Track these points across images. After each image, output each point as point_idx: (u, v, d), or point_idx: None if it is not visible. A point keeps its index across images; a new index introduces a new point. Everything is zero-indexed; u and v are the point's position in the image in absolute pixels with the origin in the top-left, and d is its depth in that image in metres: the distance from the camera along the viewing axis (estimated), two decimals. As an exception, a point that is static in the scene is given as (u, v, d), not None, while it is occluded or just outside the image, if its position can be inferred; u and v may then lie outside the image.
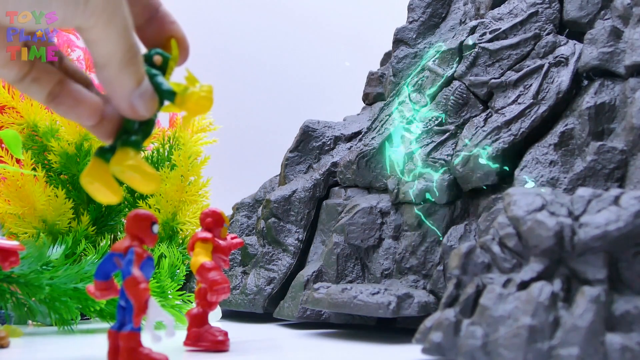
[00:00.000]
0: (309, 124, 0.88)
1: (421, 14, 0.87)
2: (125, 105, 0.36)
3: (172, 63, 0.40)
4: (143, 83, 0.37)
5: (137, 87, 0.36)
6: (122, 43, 0.34)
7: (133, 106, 0.37)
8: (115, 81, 0.35)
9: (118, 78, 0.35)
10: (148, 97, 0.37)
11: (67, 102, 0.37)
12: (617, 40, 0.62)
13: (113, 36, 0.34)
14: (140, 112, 0.37)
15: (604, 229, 0.41)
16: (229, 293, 0.53)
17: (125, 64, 0.35)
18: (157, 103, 0.38)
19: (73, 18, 0.33)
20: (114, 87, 0.36)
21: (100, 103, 0.37)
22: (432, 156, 0.69)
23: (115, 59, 0.35)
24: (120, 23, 0.34)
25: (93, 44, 0.34)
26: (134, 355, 0.42)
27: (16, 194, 0.82)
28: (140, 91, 0.37)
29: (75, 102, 0.37)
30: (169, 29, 0.40)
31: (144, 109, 0.37)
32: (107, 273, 0.45)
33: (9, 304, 0.63)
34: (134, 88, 0.36)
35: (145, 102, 0.37)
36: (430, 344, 0.44)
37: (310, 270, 0.73)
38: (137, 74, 0.36)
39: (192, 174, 0.93)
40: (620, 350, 0.38)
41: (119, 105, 0.37)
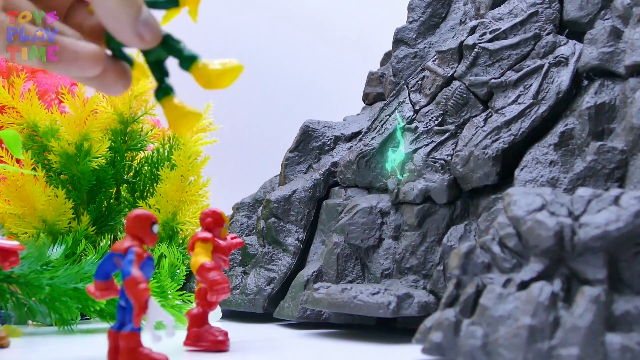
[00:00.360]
0: (309, 124, 0.88)
1: (421, 14, 0.87)
2: (132, 34, 0.36)
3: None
4: (143, 9, 0.36)
5: (139, 14, 0.36)
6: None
7: (140, 34, 0.36)
8: (116, 12, 0.35)
9: (118, 9, 0.35)
10: (152, 23, 0.37)
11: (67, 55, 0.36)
12: (617, 40, 0.62)
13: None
14: (147, 39, 0.36)
15: (604, 229, 0.41)
16: (229, 293, 0.53)
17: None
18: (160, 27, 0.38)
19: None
20: (117, 19, 0.35)
21: (100, 49, 0.37)
22: (432, 156, 0.69)
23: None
24: None
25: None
26: (134, 355, 0.42)
27: (16, 194, 0.82)
28: (143, 18, 0.36)
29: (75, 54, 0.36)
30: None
31: (150, 35, 0.37)
32: (107, 273, 0.45)
33: (9, 304, 0.63)
34: (136, 16, 0.36)
35: (150, 28, 0.36)
36: (430, 344, 0.44)
37: (310, 270, 0.73)
38: (136, 2, 0.36)
39: (192, 174, 0.93)
40: (620, 350, 0.38)
41: (125, 37, 0.36)
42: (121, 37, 0.37)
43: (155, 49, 0.38)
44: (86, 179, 0.87)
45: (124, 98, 0.91)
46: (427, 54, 0.85)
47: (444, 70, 0.74)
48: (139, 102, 0.94)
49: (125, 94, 0.91)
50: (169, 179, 0.89)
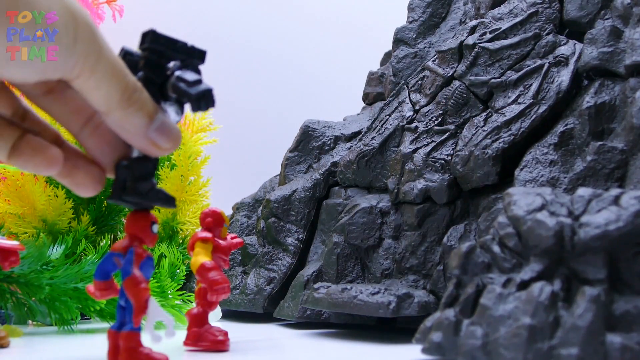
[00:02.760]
0: (309, 123, 0.88)
1: (421, 14, 0.87)
2: (145, 144, 0.35)
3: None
4: (156, 117, 0.35)
5: (150, 122, 0.35)
6: (114, 85, 0.33)
7: (154, 142, 0.35)
8: (123, 124, 0.34)
9: (125, 120, 0.34)
10: (167, 129, 0.35)
11: (26, 152, 0.35)
12: (617, 40, 0.62)
13: (103, 81, 0.33)
14: (164, 146, 0.35)
15: (604, 229, 0.41)
16: (229, 293, 0.53)
17: (127, 104, 0.34)
18: (179, 131, 0.36)
19: (62, 67, 0.32)
20: (126, 130, 0.34)
21: (60, 153, 0.36)
22: (432, 156, 0.69)
23: (113, 103, 0.33)
24: (105, 66, 0.33)
25: (85, 92, 0.33)
26: (134, 355, 0.42)
27: (16, 194, 0.82)
28: (156, 125, 0.35)
29: (34, 152, 0.35)
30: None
31: (167, 142, 0.35)
32: (107, 273, 0.45)
33: (9, 303, 0.63)
34: (147, 125, 0.34)
35: (166, 135, 0.35)
36: (430, 343, 0.44)
37: (310, 270, 0.73)
38: (144, 110, 0.34)
39: (192, 174, 0.93)
40: (620, 350, 0.38)
41: (139, 146, 0.36)
42: (136, 147, 0.36)
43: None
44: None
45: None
46: (427, 54, 0.85)
47: (444, 70, 0.74)
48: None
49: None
50: (169, 178, 0.89)
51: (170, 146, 0.35)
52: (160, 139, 0.35)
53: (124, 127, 0.34)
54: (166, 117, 0.36)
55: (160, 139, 0.35)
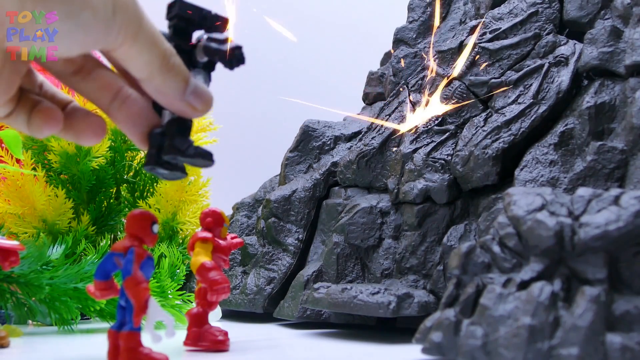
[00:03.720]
0: (309, 123, 0.88)
1: (421, 14, 0.87)
2: (183, 106, 0.37)
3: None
4: (190, 80, 0.37)
5: (186, 86, 0.37)
6: (155, 52, 0.35)
7: (190, 105, 0.37)
8: (163, 89, 0.36)
9: (165, 85, 0.36)
10: (201, 92, 0.37)
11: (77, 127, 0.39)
12: (617, 40, 0.62)
13: (144, 48, 0.35)
14: (199, 108, 0.37)
15: (604, 229, 0.41)
16: (229, 293, 0.53)
17: (166, 69, 0.36)
18: (210, 94, 0.38)
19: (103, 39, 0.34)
20: (165, 94, 0.37)
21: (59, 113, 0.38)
22: (432, 156, 0.69)
23: (154, 69, 0.36)
24: (146, 34, 0.35)
25: (127, 61, 0.35)
26: (134, 355, 0.42)
27: (16, 194, 0.82)
28: (191, 89, 0.37)
29: (42, 115, 0.38)
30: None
31: (201, 104, 0.37)
32: (107, 273, 0.45)
33: (9, 303, 0.63)
34: (184, 89, 0.37)
35: (200, 98, 0.37)
36: (430, 343, 0.44)
37: (310, 270, 0.73)
38: (181, 75, 0.37)
39: (192, 174, 0.93)
40: (620, 350, 0.38)
41: (177, 110, 0.38)
42: (174, 110, 0.38)
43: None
44: (86, 178, 0.86)
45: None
46: (427, 54, 0.85)
47: (444, 70, 0.74)
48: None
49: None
50: (169, 178, 0.89)
51: (204, 108, 0.38)
52: (196, 101, 0.37)
53: (163, 92, 0.36)
54: (199, 81, 0.38)
55: (196, 101, 0.37)
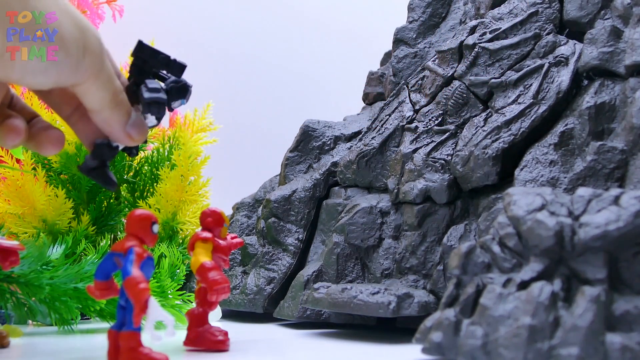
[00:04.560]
0: (309, 123, 0.88)
1: (421, 14, 0.87)
2: (122, 136, 0.43)
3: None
4: (132, 114, 0.43)
5: (128, 119, 0.43)
6: (109, 90, 0.41)
7: (129, 135, 0.43)
8: (109, 120, 0.42)
9: (112, 117, 0.42)
10: (139, 124, 0.44)
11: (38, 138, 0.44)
12: (617, 40, 0.62)
13: (101, 86, 0.41)
14: (136, 138, 0.44)
15: (604, 229, 0.41)
16: (229, 293, 0.53)
17: (115, 105, 0.42)
18: (147, 128, 0.44)
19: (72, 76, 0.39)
20: (110, 124, 0.43)
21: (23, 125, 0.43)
22: (432, 156, 0.69)
23: (105, 103, 0.41)
24: (105, 75, 0.41)
25: (85, 95, 0.41)
26: (134, 355, 0.42)
27: (16, 194, 0.82)
28: (132, 121, 0.43)
29: (45, 137, 0.44)
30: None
31: (138, 135, 0.44)
32: (107, 273, 0.45)
33: (9, 303, 0.63)
34: (125, 121, 0.43)
35: (138, 130, 0.43)
36: (430, 343, 0.44)
37: (310, 270, 0.73)
38: (124, 109, 0.43)
39: (192, 174, 0.93)
40: (620, 350, 0.38)
41: (117, 138, 0.44)
42: (114, 139, 0.44)
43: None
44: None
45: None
46: (427, 54, 0.85)
47: (444, 70, 0.74)
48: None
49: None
50: (169, 178, 0.89)
51: (140, 138, 0.44)
52: (134, 132, 0.43)
53: (109, 123, 0.43)
54: (137, 115, 0.44)
55: (134, 132, 0.43)
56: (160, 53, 0.45)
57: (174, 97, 0.46)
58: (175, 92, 0.46)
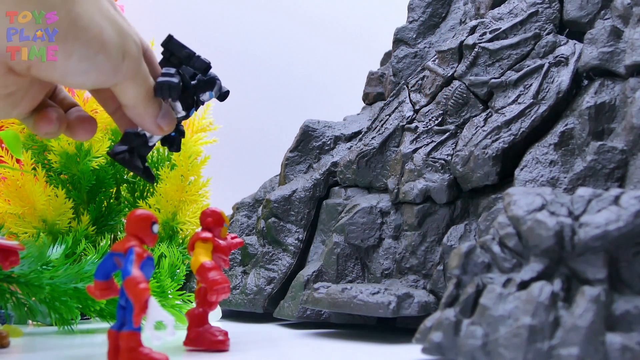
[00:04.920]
0: (309, 123, 0.88)
1: (421, 14, 0.87)
2: (154, 127, 0.47)
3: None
4: (162, 107, 0.47)
5: (159, 113, 0.47)
6: (144, 88, 0.45)
7: (159, 126, 0.47)
8: (143, 114, 0.46)
9: (146, 112, 0.46)
10: (168, 116, 0.47)
11: (72, 126, 0.48)
12: (617, 40, 0.62)
13: (137, 85, 0.44)
14: (165, 128, 0.47)
15: (604, 229, 0.41)
16: (229, 293, 0.53)
17: (149, 100, 0.45)
18: (174, 118, 0.48)
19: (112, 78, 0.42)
20: (143, 118, 0.46)
21: (54, 116, 0.46)
22: (432, 156, 0.69)
23: (140, 99, 0.45)
24: (142, 75, 0.44)
25: (122, 92, 0.44)
26: (134, 355, 0.42)
27: (16, 194, 0.82)
28: (162, 113, 0.47)
29: (78, 124, 0.48)
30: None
31: (167, 126, 0.47)
32: (107, 273, 0.45)
33: (9, 303, 0.63)
34: (157, 114, 0.47)
35: (167, 121, 0.47)
36: (430, 343, 0.44)
37: (310, 270, 0.73)
38: (157, 104, 0.46)
39: (192, 174, 0.93)
40: (620, 350, 0.38)
41: (148, 129, 0.47)
42: (146, 130, 0.48)
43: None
44: (86, 178, 0.87)
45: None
46: (427, 54, 0.85)
47: (444, 70, 0.74)
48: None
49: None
50: (169, 178, 0.89)
51: (169, 129, 0.48)
52: (164, 124, 0.47)
53: (142, 117, 0.46)
54: (166, 107, 0.47)
55: (163, 123, 0.47)
56: (185, 48, 0.48)
57: (201, 90, 0.49)
58: (202, 85, 0.48)
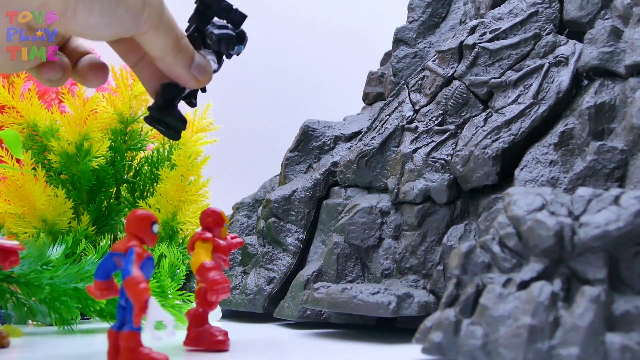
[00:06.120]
0: (309, 123, 0.88)
1: (421, 14, 0.87)
2: (188, 78, 0.46)
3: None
4: (195, 57, 0.45)
5: (192, 62, 0.45)
6: (170, 37, 0.43)
7: (195, 77, 0.46)
8: (174, 66, 0.45)
9: (175, 62, 0.44)
10: (203, 67, 0.46)
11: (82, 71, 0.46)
12: (617, 40, 0.62)
13: (162, 34, 0.43)
14: (202, 80, 0.46)
15: (604, 229, 0.41)
16: (229, 293, 0.53)
17: (178, 51, 0.44)
18: (211, 69, 0.47)
19: (133, 28, 0.41)
20: (175, 69, 0.45)
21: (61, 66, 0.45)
22: (432, 156, 0.69)
23: (168, 50, 0.43)
24: (166, 24, 0.43)
25: (146, 44, 0.43)
26: (134, 355, 0.42)
27: (16, 194, 0.82)
28: (196, 64, 0.45)
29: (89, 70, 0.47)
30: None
31: (203, 76, 0.46)
32: (107, 273, 0.45)
33: (9, 303, 0.63)
34: (190, 65, 0.45)
35: (202, 72, 0.46)
36: (430, 343, 0.44)
37: (310, 270, 0.73)
38: (188, 54, 0.45)
39: (192, 174, 0.93)
40: (620, 350, 0.38)
41: (183, 81, 0.46)
42: (181, 82, 0.46)
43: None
44: (86, 178, 0.86)
45: (124, 98, 0.91)
46: (427, 54, 0.85)
47: (444, 70, 0.74)
48: (139, 102, 0.94)
49: (125, 93, 0.91)
50: (169, 178, 0.89)
51: (205, 79, 0.46)
52: (199, 74, 0.46)
53: (173, 68, 0.45)
54: (201, 57, 0.46)
55: (199, 74, 0.46)
56: (224, 0, 0.47)
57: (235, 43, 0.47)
58: (236, 38, 0.47)
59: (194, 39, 0.47)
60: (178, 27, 0.44)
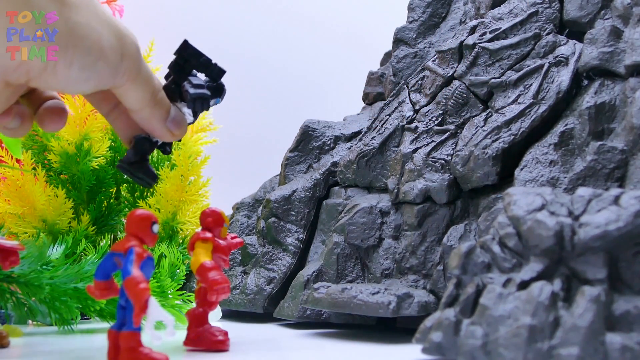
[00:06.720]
0: (309, 123, 0.88)
1: (421, 14, 0.87)
2: (164, 132, 0.45)
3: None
4: (171, 111, 0.45)
5: (167, 116, 0.45)
6: (147, 90, 0.43)
7: (170, 131, 0.45)
8: (150, 119, 0.45)
9: (151, 115, 0.44)
10: (179, 120, 0.46)
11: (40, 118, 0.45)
12: (617, 40, 0.62)
13: (139, 87, 0.43)
14: (176, 133, 0.46)
15: (604, 229, 0.41)
16: (229, 293, 0.53)
17: (154, 104, 0.44)
18: (186, 123, 0.46)
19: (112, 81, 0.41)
20: (151, 122, 0.45)
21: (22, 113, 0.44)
22: (432, 156, 0.69)
23: (145, 103, 0.44)
24: (143, 77, 0.43)
25: (125, 95, 0.43)
26: (134, 355, 0.42)
27: (16, 194, 0.82)
28: (171, 118, 0.45)
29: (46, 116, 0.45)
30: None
31: (178, 130, 0.46)
32: (107, 273, 0.45)
33: (9, 303, 0.63)
34: (165, 118, 0.45)
35: (178, 125, 0.46)
36: (430, 343, 0.44)
37: (310, 270, 0.73)
38: (164, 107, 0.45)
39: (192, 174, 0.93)
40: (620, 350, 0.38)
41: (158, 134, 0.46)
42: (156, 135, 0.46)
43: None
44: (86, 178, 0.86)
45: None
46: (427, 54, 0.85)
47: (444, 70, 0.74)
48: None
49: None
50: (169, 178, 0.89)
51: (180, 133, 0.46)
52: (174, 128, 0.45)
53: (150, 121, 0.45)
54: (176, 111, 0.46)
55: (174, 128, 0.45)
56: (202, 55, 0.47)
57: (212, 97, 0.48)
58: (212, 91, 0.47)
59: (171, 91, 0.46)
60: (155, 80, 0.44)
